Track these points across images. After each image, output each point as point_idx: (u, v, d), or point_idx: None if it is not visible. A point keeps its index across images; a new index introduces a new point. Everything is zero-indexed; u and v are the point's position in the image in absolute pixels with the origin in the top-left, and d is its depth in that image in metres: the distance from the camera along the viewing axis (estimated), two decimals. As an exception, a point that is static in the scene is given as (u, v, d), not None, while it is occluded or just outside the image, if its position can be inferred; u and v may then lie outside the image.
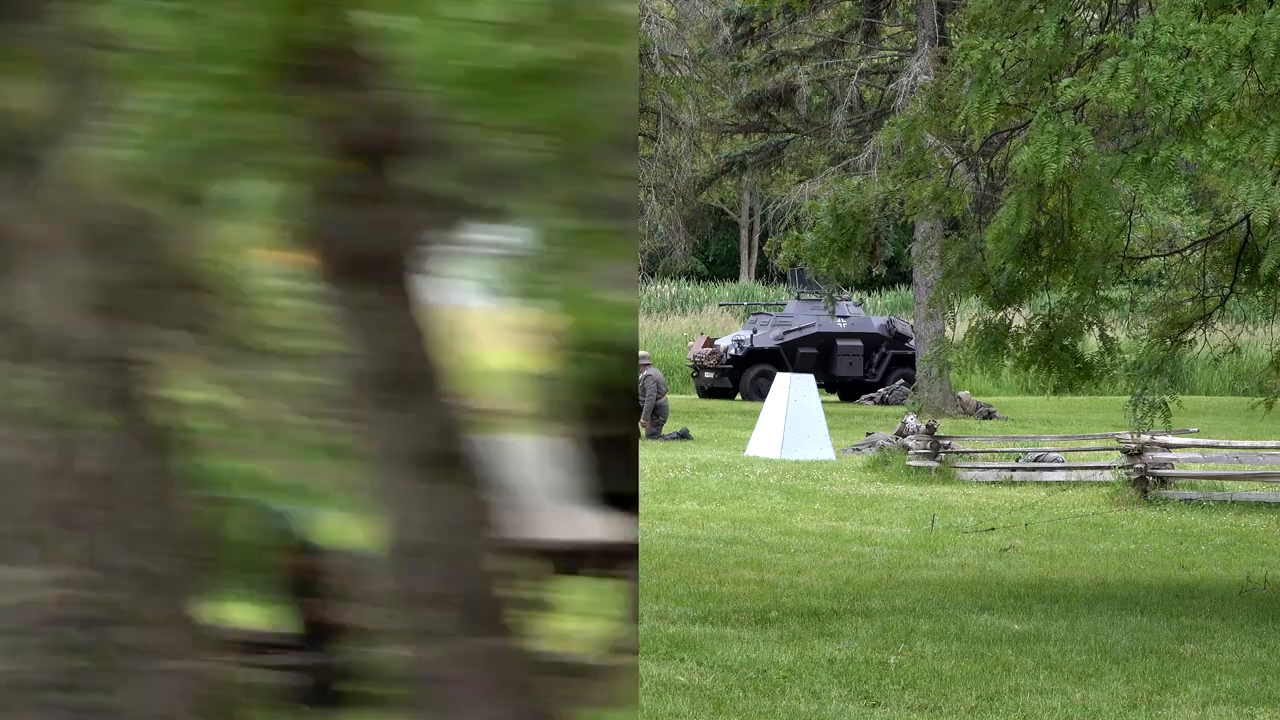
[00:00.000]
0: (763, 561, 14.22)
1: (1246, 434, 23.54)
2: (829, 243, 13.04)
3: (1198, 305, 12.70)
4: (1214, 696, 9.15)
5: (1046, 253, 11.96)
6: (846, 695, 9.03)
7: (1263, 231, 11.60)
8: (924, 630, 10.96)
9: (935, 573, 13.90)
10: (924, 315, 35.37)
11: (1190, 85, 9.39)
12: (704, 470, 22.41)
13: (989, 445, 23.29)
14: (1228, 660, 10.20)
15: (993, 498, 19.75)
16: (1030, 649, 10.41)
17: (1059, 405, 34.39)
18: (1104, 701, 8.98)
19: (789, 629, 10.96)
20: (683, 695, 8.91)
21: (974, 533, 16.52)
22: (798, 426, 24.94)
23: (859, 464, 23.18)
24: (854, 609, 11.83)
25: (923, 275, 34.48)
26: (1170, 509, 18.64)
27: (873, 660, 9.93)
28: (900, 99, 33.42)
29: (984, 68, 10.25)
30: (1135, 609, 12.03)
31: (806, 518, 17.60)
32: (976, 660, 10.02)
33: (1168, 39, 9.49)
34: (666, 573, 13.28)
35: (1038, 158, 9.77)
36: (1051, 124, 9.85)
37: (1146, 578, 13.85)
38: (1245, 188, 9.49)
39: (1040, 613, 11.80)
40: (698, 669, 9.62)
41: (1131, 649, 10.47)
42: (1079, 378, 12.66)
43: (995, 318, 12.64)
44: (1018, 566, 14.39)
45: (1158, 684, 9.43)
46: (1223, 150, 9.56)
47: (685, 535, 15.89)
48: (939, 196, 12.14)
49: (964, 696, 9.04)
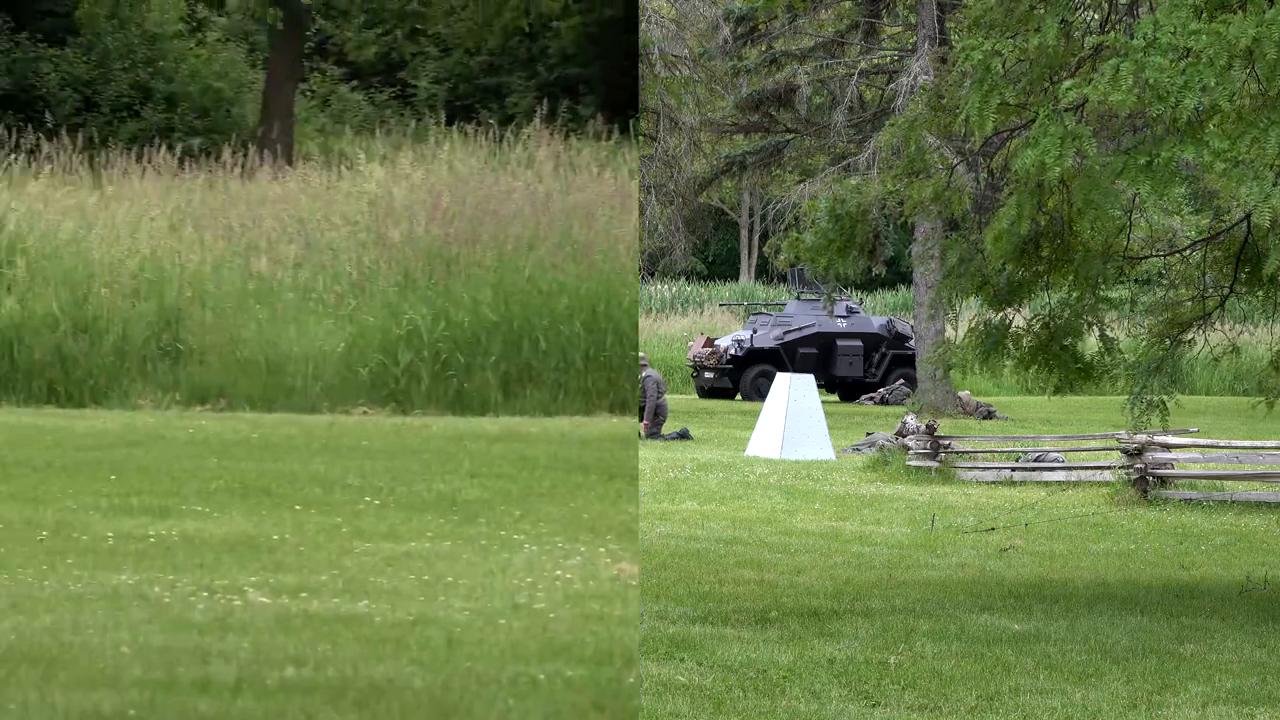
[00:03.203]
0: (763, 561, 14.22)
1: (1246, 434, 23.54)
2: (828, 243, 13.06)
3: (1198, 305, 12.71)
4: (1214, 696, 9.15)
5: (1046, 253, 11.97)
6: (846, 695, 9.03)
7: (1264, 232, 11.61)
8: (924, 630, 10.97)
9: (935, 573, 13.91)
10: (924, 315, 35.38)
11: (1191, 86, 9.39)
12: (704, 470, 22.41)
13: (989, 445, 23.29)
14: (1228, 660, 10.20)
15: (993, 498, 19.75)
16: (1030, 649, 10.41)
17: (1059, 405, 34.41)
18: (1104, 701, 8.98)
19: (789, 629, 10.97)
20: (683, 695, 8.92)
21: (974, 533, 16.52)
22: (798, 426, 24.94)
23: (859, 464, 23.18)
24: (854, 609, 11.84)
25: (923, 275, 34.48)
26: (1170, 509, 18.64)
27: (873, 660, 9.94)
28: (900, 99, 33.42)
29: (984, 68, 10.25)
30: (1135, 609, 12.04)
31: (806, 518, 17.60)
32: (976, 660, 10.03)
33: (1168, 39, 9.49)
34: (666, 573, 13.29)
35: (1040, 159, 9.77)
36: (1054, 125, 9.85)
37: (1146, 578, 13.85)
38: (1247, 188, 9.49)
39: (1040, 613, 11.80)
40: (698, 669, 9.63)
41: (1131, 649, 10.47)
42: (1079, 378, 12.67)
43: (995, 318, 12.64)
44: (1018, 566, 14.39)
45: (1158, 684, 9.43)
46: (1224, 151, 9.56)
47: (685, 535, 15.89)
48: (939, 196, 12.14)
49: (964, 696, 9.05)
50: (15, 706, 6.73)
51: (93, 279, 19.60)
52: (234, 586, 9.18)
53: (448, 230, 19.62)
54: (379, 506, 11.75)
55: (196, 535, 10.70)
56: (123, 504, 11.74)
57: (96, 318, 19.27)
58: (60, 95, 37.04)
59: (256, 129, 34.90)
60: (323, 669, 7.47)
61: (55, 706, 6.78)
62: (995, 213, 11.27)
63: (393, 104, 40.86)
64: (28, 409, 18.23)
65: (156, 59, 38.57)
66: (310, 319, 19.15)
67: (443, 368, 18.67)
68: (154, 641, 7.92)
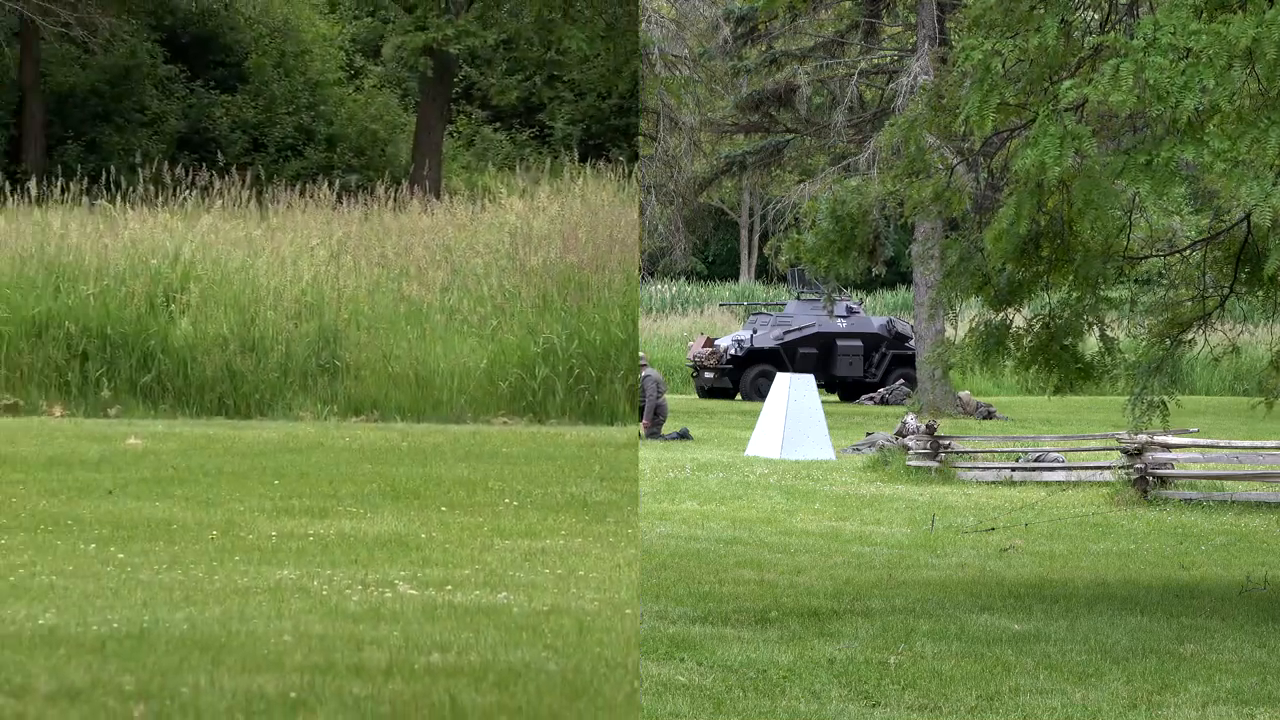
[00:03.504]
0: (763, 561, 14.22)
1: (1246, 434, 23.54)
2: (829, 243, 13.06)
3: (1198, 305, 12.71)
4: (1214, 696, 9.15)
5: (1046, 253, 11.96)
6: (846, 695, 9.03)
7: (1264, 232, 11.61)
8: (924, 630, 10.97)
9: (935, 573, 13.91)
10: (924, 315, 35.36)
11: (1191, 86, 9.38)
12: (704, 470, 22.41)
13: (989, 445, 23.29)
14: (1228, 660, 10.20)
15: (993, 498, 19.75)
16: (1030, 649, 10.41)
17: (1059, 405, 34.39)
18: (1104, 701, 8.98)
19: (789, 629, 10.96)
20: (683, 695, 8.92)
21: (974, 533, 16.52)
22: (798, 426, 24.94)
23: (859, 464, 23.18)
24: (854, 609, 11.83)
25: (923, 275, 34.46)
26: (1170, 509, 18.64)
27: (873, 660, 9.94)
28: (900, 99, 33.40)
29: (985, 68, 10.25)
30: (1135, 609, 12.04)
31: (806, 518, 17.60)
32: (976, 660, 10.03)
33: (1168, 39, 9.49)
34: (666, 573, 13.29)
35: (1040, 159, 9.77)
36: (1054, 125, 9.85)
37: (1146, 578, 13.85)
38: (1247, 188, 9.49)
39: (1040, 613, 11.80)
40: (698, 669, 9.63)
41: (1131, 649, 10.47)
42: (1079, 378, 12.66)
43: (996, 318, 12.64)
44: (1018, 566, 14.39)
45: (1158, 684, 9.43)
46: (1224, 151, 9.56)
47: (685, 535, 15.89)
48: (939, 196, 12.14)
49: (964, 696, 9.04)
50: (187, 689, 7.35)
51: (259, 303, 21.80)
52: (385, 580, 9.98)
53: (581, 257, 21.77)
54: (517, 507, 12.78)
55: (352, 534, 11.66)
56: (285, 506, 12.83)
57: (262, 338, 21.47)
58: (231, 137, 41.54)
59: (408, 166, 38.48)
60: (465, 654, 8.12)
61: (224, 689, 7.38)
62: (995, 213, 11.27)
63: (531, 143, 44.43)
64: (200, 420, 20.25)
65: (318, 104, 43.53)
66: (456, 338, 21.38)
67: (575, 381, 20.68)
68: (313, 630, 8.62)
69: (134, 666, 7.72)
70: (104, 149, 39.23)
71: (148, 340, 21.30)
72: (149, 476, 14.35)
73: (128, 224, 23.12)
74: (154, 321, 21.48)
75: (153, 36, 42.05)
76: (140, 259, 22.18)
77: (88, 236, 22.64)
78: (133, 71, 41.08)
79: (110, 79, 40.87)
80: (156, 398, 21.05)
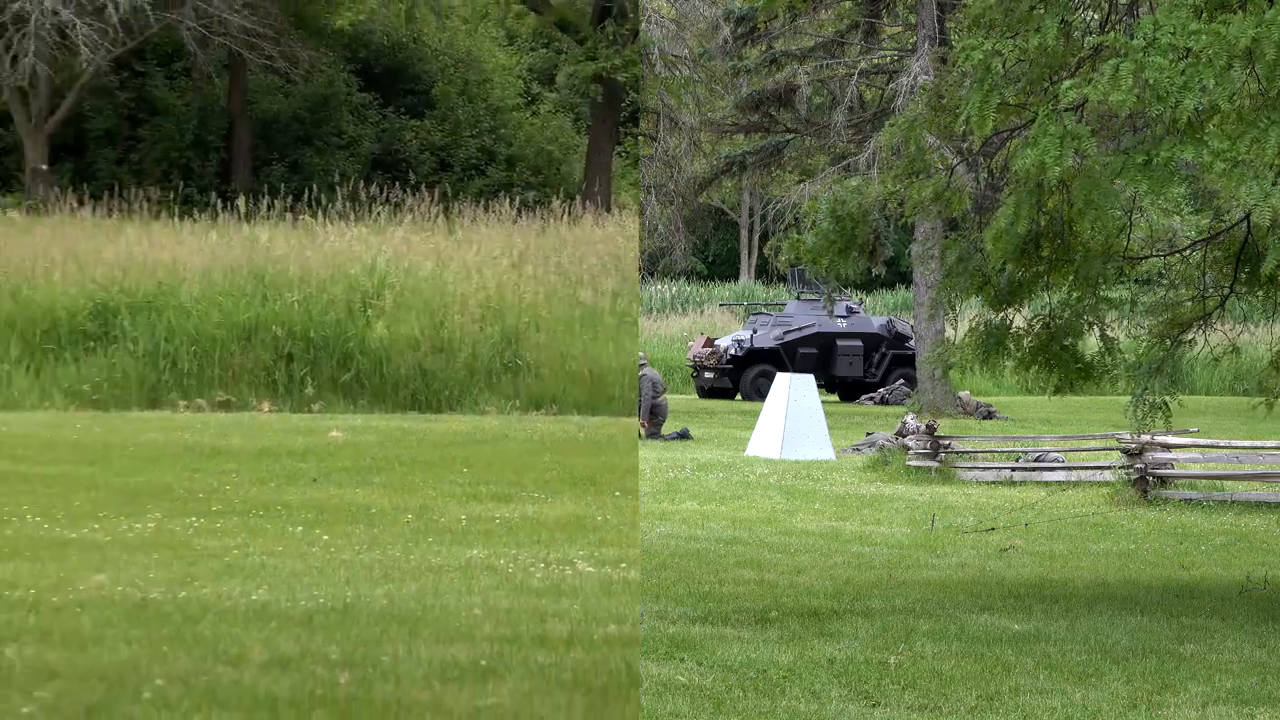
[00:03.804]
0: (763, 561, 14.22)
1: (1246, 434, 23.54)
2: (829, 244, 13.05)
3: (1198, 305, 12.70)
4: (1214, 696, 9.15)
5: (1046, 253, 11.96)
6: (846, 695, 9.03)
7: (1264, 232, 11.60)
8: (924, 630, 10.96)
9: (935, 573, 13.90)
10: (924, 315, 35.35)
11: (1191, 86, 9.38)
12: (704, 470, 22.41)
13: (989, 445, 23.28)
14: (1228, 660, 10.20)
15: (993, 498, 19.75)
16: (1030, 649, 10.41)
17: (1059, 405, 34.39)
18: (1104, 701, 8.98)
19: (789, 629, 10.96)
20: (683, 695, 8.92)
21: (974, 533, 16.52)
22: (798, 426, 24.93)
23: (859, 464, 23.18)
24: (854, 609, 11.83)
25: (923, 275, 34.45)
26: (1170, 509, 18.64)
27: (873, 660, 9.93)
28: (900, 99, 33.39)
29: (985, 68, 10.24)
30: (1135, 609, 12.03)
31: (806, 518, 17.60)
32: (976, 660, 10.02)
33: (1168, 39, 9.49)
34: (666, 573, 13.28)
35: (1040, 159, 9.76)
36: (1053, 125, 9.85)
37: (1146, 578, 13.85)
38: (1247, 188, 9.49)
39: (1040, 613, 11.80)
40: (698, 669, 9.62)
41: (1131, 649, 10.47)
42: (1079, 378, 12.66)
43: (996, 318, 12.63)
44: (1018, 566, 14.39)
45: (1158, 684, 9.43)
46: (1224, 151, 9.56)
47: (685, 535, 15.89)
48: (939, 196, 12.13)
49: (964, 696, 9.04)
50: (387, 659, 8.09)
51: (447, 308, 23.85)
52: (565, 559, 10.96)
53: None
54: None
55: (534, 517, 12.86)
56: (473, 492, 14.18)
57: (451, 339, 23.49)
58: (420, 158, 45.05)
59: (581, 183, 41.45)
60: (638, 625, 8.90)
61: (420, 658, 8.14)
62: (995, 213, 11.26)
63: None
64: (395, 415, 22.17)
65: (499, 127, 47.34)
66: (626, 339, 23.53)
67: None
68: (500, 604, 9.51)
69: (339, 638, 8.52)
70: (305, 169, 42.62)
71: (347, 342, 23.33)
72: (349, 466, 15.79)
73: (327, 237, 25.53)
74: (352, 325, 23.50)
75: (348, 67, 46.02)
76: (339, 269, 24.37)
77: (291, 249, 24.95)
78: (330, 99, 44.92)
79: (310, 106, 44.70)
80: (355, 394, 23.02)
